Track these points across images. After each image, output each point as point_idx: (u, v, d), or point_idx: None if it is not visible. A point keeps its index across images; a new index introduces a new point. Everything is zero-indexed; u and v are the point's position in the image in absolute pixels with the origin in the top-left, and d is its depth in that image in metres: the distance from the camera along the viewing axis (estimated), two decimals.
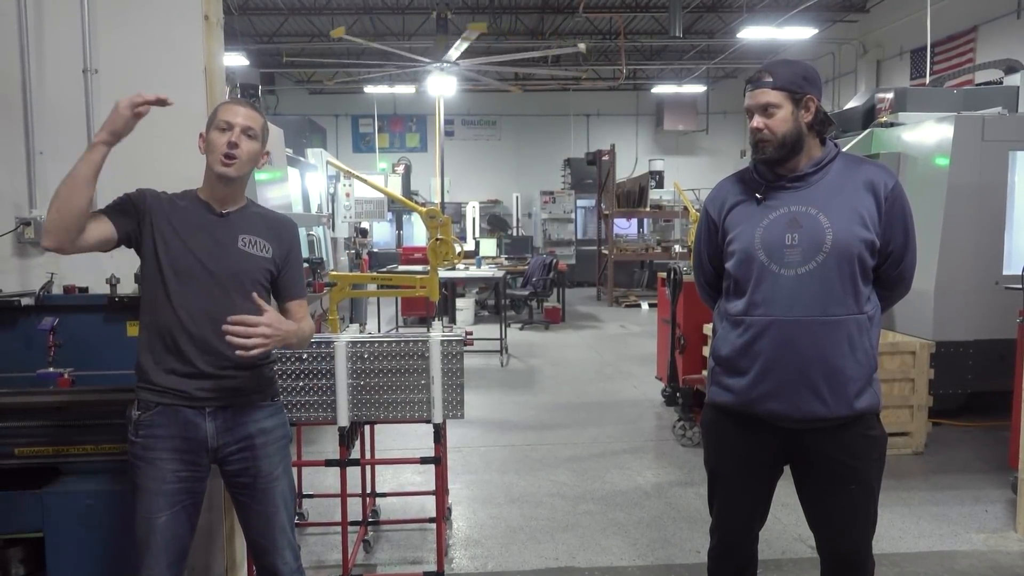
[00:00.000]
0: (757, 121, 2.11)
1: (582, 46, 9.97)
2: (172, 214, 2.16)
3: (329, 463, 3.20)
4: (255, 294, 2.06)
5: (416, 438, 5.18)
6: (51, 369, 2.71)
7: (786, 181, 2.15)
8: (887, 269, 2.16)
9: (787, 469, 2.28)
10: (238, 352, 1.98)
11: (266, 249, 2.23)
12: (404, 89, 15.20)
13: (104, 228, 2.09)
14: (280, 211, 5.46)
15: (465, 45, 9.06)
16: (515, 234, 16.12)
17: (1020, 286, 4.15)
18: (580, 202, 16.33)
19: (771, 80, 2.10)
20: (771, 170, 2.17)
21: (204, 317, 2.12)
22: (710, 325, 5.02)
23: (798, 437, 2.15)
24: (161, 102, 2.06)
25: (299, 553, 2.35)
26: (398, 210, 14.75)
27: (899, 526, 3.80)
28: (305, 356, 2.98)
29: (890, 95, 6.26)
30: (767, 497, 2.31)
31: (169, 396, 2.13)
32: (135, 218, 2.14)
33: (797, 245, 2.08)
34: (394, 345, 3.03)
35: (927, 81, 9.07)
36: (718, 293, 2.34)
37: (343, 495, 3.10)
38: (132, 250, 2.19)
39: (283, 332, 2.05)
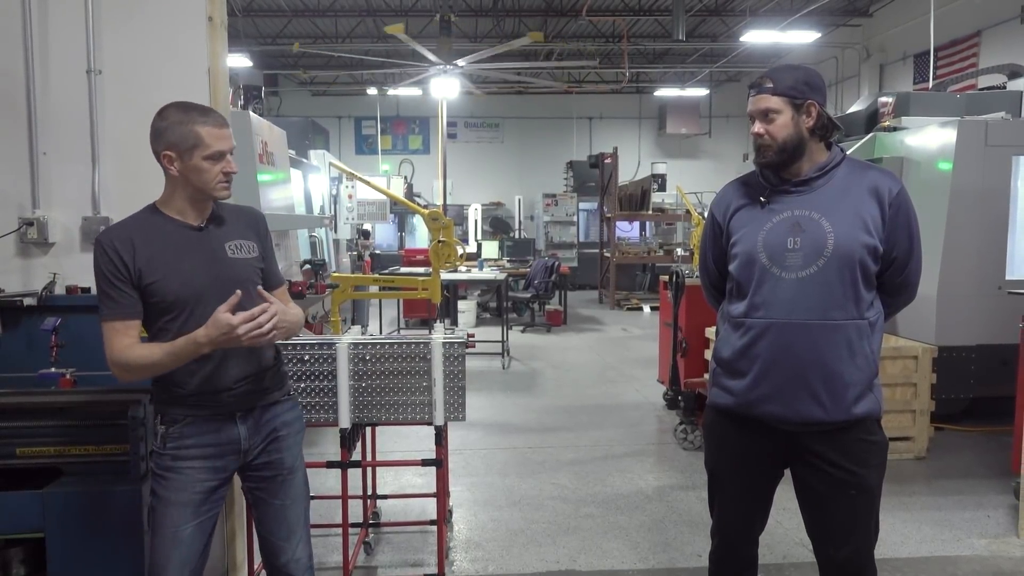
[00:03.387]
0: (758, 127, 2.13)
1: (585, 48, 9.98)
2: (148, 247, 2.07)
3: (330, 465, 3.20)
4: (260, 288, 2.09)
5: (417, 440, 5.18)
6: (53, 369, 2.72)
7: (790, 186, 2.16)
8: (891, 275, 2.16)
9: (788, 475, 2.28)
10: (254, 340, 1.97)
11: (252, 249, 2.23)
12: (407, 91, 15.22)
13: (137, 329, 2.09)
14: (282, 213, 5.54)
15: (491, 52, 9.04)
16: (517, 237, 16.11)
17: (1023, 291, 4.14)
18: (582, 205, 16.31)
19: (771, 86, 2.11)
20: (776, 174, 2.18)
21: None
22: (712, 328, 5.04)
23: (797, 440, 2.15)
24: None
25: (311, 548, 2.35)
26: (401, 212, 14.77)
27: (901, 531, 3.80)
28: (307, 358, 2.98)
29: (893, 99, 6.25)
30: (767, 499, 2.31)
31: (201, 408, 2.12)
32: (131, 284, 2.06)
33: (799, 249, 2.08)
34: (396, 347, 3.03)
35: (930, 85, 9.08)
36: (722, 295, 2.35)
37: (344, 497, 3.10)
38: None
39: (288, 321, 2.09)
